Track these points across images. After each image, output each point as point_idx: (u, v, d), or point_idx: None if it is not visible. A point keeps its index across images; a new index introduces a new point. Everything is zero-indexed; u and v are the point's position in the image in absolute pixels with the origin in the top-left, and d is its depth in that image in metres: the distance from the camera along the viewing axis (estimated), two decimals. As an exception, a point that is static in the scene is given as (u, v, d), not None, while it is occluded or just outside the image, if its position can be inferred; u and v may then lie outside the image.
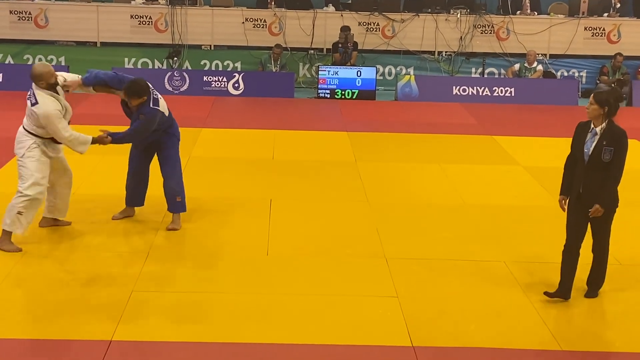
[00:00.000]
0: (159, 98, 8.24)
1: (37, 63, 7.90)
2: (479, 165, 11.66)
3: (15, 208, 7.71)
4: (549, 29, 18.67)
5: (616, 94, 6.90)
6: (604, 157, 6.72)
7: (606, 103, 6.71)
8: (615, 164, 6.72)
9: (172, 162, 8.54)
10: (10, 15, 18.13)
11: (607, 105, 6.71)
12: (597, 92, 6.92)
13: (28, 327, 6.27)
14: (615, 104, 6.76)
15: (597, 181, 6.76)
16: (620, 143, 6.72)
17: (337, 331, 6.39)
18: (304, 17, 18.30)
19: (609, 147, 6.69)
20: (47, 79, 7.79)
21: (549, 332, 6.49)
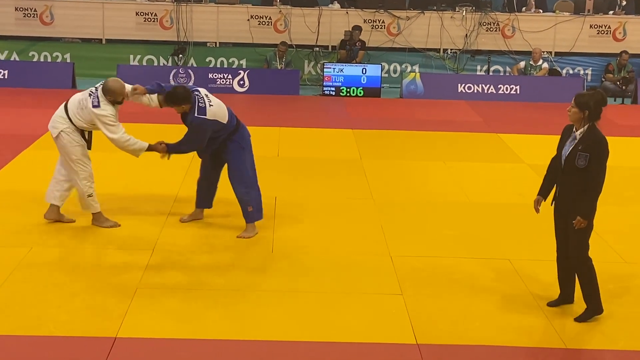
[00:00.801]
0: (206, 106, 7.95)
1: (112, 78, 8.27)
2: (484, 163, 11.65)
3: (84, 194, 8.28)
4: (555, 26, 18.65)
5: (597, 97, 6.45)
6: (578, 162, 6.42)
7: (586, 106, 6.41)
8: (592, 172, 6.40)
9: (235, 169, 8.23)
10: (15, 12, 18.15)
11: (587, 109, 6.40)
12: (579, 94, 6.60)
13: (32, 324, 6.27)
14: (596, 108, 6.42)
15: (571, 186, 6.53)
16: (597, 150, 6.39)
17: (342, 329, 6.39)
18: (309, 15, 18.29)
19: (584, 153, 6.39)
20: (116, 96, 8.12)
21: (554, 330, 6.48)
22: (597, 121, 6.48)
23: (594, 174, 6.41)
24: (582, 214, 6.45)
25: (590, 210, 6.48)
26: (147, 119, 12.93)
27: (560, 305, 6.90)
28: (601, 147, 6.42)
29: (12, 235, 8.11)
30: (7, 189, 9.57)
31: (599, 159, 6.40)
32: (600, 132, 6.47)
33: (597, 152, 6.40)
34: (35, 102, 14.85)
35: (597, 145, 6.41)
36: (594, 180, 6.42)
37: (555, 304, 6.92)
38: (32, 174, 10.21)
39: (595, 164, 6.39)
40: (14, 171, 10.32)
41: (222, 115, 8.06)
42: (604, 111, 6.51)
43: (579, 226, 6.46)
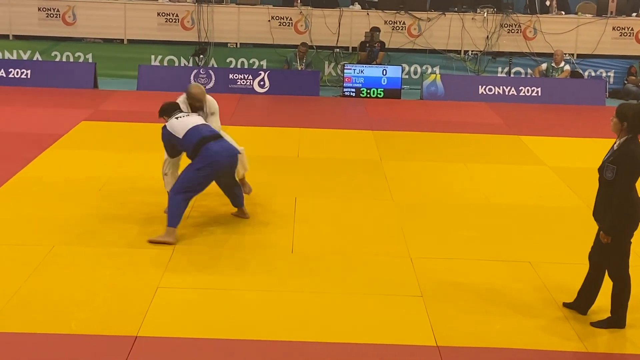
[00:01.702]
0: (172, 119, 8.45)
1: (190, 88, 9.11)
2: (504, 165, 11.61)
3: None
4: (577, 28, 18.55)
5: (638, 108, 6.30)
6: (606, 174, 6.33)
7: (624, 118, 6.27)
8: (617, 186, 6.26)
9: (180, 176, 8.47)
10: (38, 12, 18.26)
11: (625, 120, 6.27)
12: (621, 104, 6.47)
13: (53, 322, 6.31)
14: (634, 120, 6.25)
15: (602, 198, 6.44)
16: (624, 163, 6.24)
17: (362, 330, 6.39)
18: (329, 16, 18.30)
19: (612, 165, 6.27)
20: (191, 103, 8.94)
21: (575, 333, 6.45)
22: (637, 134, 6.31)
23: (618, 189, 6.26)
24: (604, 229, 6.38)
25: (612, 226, 6.33)
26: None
27: (572, 310, 6.83)
28: (629, 160, 6.25)
29: (34, 233, 8.17)
30: (28, 188, 9.63)
31: (624, 173, 6.24)
32: (638, 146, 6.29)
33: (624, 166, 6.25)
34: (57, 102, 14.95)
35: (625, 158, 6.26)
36: (618, 196, 6.27)
37: (568, 306, 6.88)
38: (54, 173, 10.27)
39: (621, 178, 6.24)
40: (36, 170, 10.38)
41: (178, 130, 8.32)
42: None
43: (604, 241, 6.37)
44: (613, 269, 6.51)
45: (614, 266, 6.50)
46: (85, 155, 11.12)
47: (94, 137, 12.25)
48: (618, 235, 6.37)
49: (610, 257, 6.48)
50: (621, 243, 6.42)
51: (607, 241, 6.37)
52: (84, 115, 13.67)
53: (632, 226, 6.43)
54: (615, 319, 6.58)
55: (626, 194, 6.28)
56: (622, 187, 6.26)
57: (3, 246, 7.82)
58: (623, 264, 6.48)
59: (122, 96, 15.86)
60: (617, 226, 6.34)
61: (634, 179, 6.29)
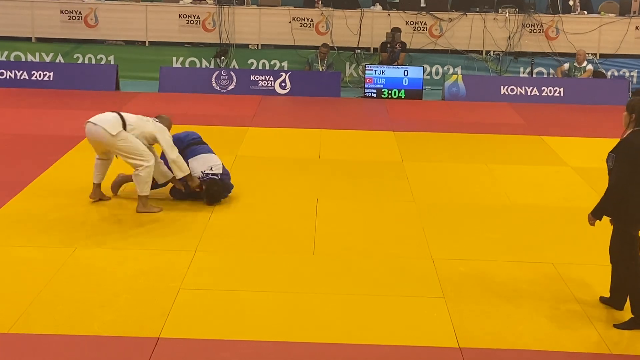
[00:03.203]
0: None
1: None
2: (526, 166, 11.55)
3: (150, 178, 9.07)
4: (599, 28, 18.43)
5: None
6: (607, 162, 6.49)
7: (632, 110, 6.43)
8: (613, 172, 6.43)
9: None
10: (60, 14, 18.37)
11: (634, 112, 6.42)
12: (632, 98, 6.59)
13: (77, 324, 6.34)
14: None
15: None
16: (620, 150, 6.40)
17: (384, 331, 6.38)
18: (351, 17, 18.28)
19: (612, 154, 6.45)
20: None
21: (599, 335, 6.40)
22: None
23: (614, 175, 6.42)
24: (592, 212, 6.56)
25: (598, 209, 6.52)
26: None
27: (608, 306, 6.83)
28: (624, 148, 6.41)
29: (57, 235, 8.21)
30: (51, 190, 9.68)
31: (619, 160, 6.39)
32: (636, 137, 6.38)
33: (619, 153, 6.41)
34: (79, 104, 15.02)
35: (623, 146, 6.42)
36: (612, 181, 6.44)
37: (605, 302, 6.88)
38: (77, 174, 10.32)
39: (617, 165, 6.40)
40: (59, 172, 10.44)
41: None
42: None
43: (590, 223, 6.61)
44: (615, 255, 6.61)
45: (615, 253, 6.59)
46: (108, 157, 11.15)
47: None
48: (618, 226, 6.50)
49: (614, 243, 6.58)
50: (623, 237, 6.49)
51: (591, 224, 6.60)
52: (106, 117, 13.71)
53: (631, 220, 6.48)
54: (618, 300, 6.74)
55: (619, 182, 6.39)
56: (618, 174, 6.38)
57: (26, 248, 7.87)
58: (626, 253, 6.51)
59: (144, 98, 15.93)
60: (600, 209, 6.52)
61: (629, 168, 6.37)
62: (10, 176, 10.13)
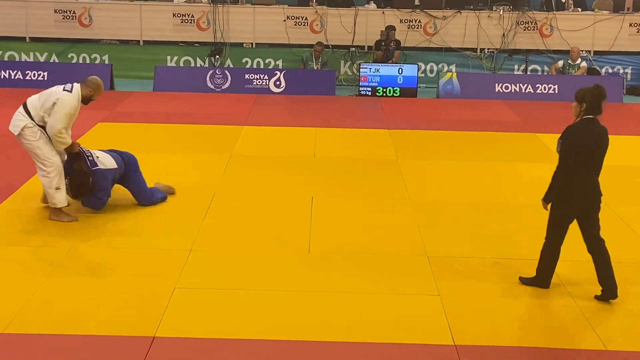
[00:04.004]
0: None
1: (97, 77, 9.05)
2: (521, 163, 11.56)
3: (52, 187, 8.47)
4: (593, 25, 18.47)
5: (595, 91, 6.77)
6: (557, 148, 6.83)
7: (583, 100, 6.75)
8: (560, 158, 6.78)
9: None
10: (54, 14, 18.36)
11: (584, 102, 6.74)
12: (579, 89, 6.89)
13: (72, 323, 6.33)
14: (592, 101, 6.73)
15: None
16: (564, 136, 6.74)
17: (379, 329, 6.38)
18: (345, 15, 18.29)
19: (559, 140, 6.79)
20: (93, 94, 8.88)
21: (593, 332, 6.42)
22: (597, 115, 6.79)
23: (559, 159, 6.76)
24: (544, 197, 6.94)
25: (549, 194, 6.87)
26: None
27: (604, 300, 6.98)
28: (568, 133, 6.73)
29: (51, 235, 8.21)
30: (46, 190, 9.67)
31: (563, 145, 6.72)
32: (593, 125, 6.74)
33: (564, 138, 6.74)
34: (74, 104, 14.99)
35: (566, 132, 6.75)
36: (557, 167, 6.79)
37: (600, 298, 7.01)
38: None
39: (560, 150, 6.74)
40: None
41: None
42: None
43: (543, 207, 6.97)
44: (547, 235, 7.06)
45: (547, 231, 7.04)
46: (102, 157, 11.15)
47: (111, 139, 12.28)
48: (555, 206, 6.90)
49: (548, 222, 7.02)
50: (556, 215, 6.93)
51: (545, 208, 6.96)
52: (101, 117, 13.72)
53: (569, 202, 6.84)
54: (539, 279, 7.15)
55: (563, 166, 6.73)
56: (560, 159, 6.75)
57: (21, 248, 7.86)
58: (553, 234, 7.00)
59: (139, 97, 15.92)
60: (550, 194, 6.87)
61: (575, 153, 6.69)
62: (4, 176, 10.12)
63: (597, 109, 6.76)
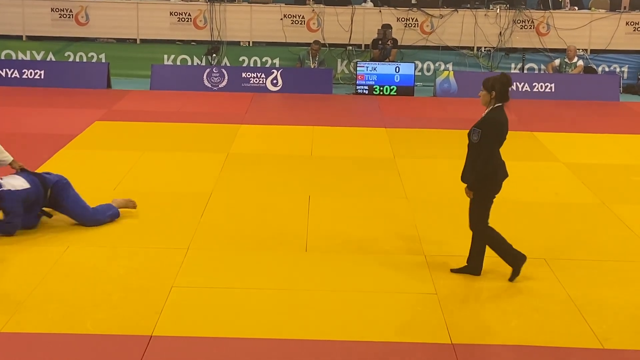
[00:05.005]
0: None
1: None
2: (518, 162, 11.53)
3: None
4: (590, 24, 18.47)
5: (503, 79, 7.00)
6: (472, 137, 7.04)
7: (492, 88, 6.97)
8: (481, 148, 6.96)
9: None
10: (51, 12, 18.34)
11: (494, 90, 6.96)
12: (485, 78, 7.11)
13: (69, 322, 6.33)
14: (502, 89, 6.95)
15: (469, 159, 7.15)
16: (485, 127, 6.96)
17: (376, 328, 6.38)
18: (342, 13, 18.29)
19: (477, 129, 6.98)
20: None
21: (590, 330, 6.42)
22: (505, 102, 7.04)
23: (483, 150, 6.97)
24: (468, 185, 7.13)
25: (473, 182, 7.08)
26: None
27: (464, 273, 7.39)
28: (490, 124, 6.98)
29: (49, 234, 8.19)
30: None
31: (486, 136, 6.95)
32: (503, 113, 7.04)
33: (485, 129, 6.96)
34: (71, 102, 15.00)
35: (489, 123, 6.99)
36: (482, 155, 6.99)
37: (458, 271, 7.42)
38: (69, 173, 10.27)
39: (484, 140, 6.95)
40: (51, 170, 10.38)
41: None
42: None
43: (469, 196, 7.18)
44: (474, 222, 7.30)
45: (475, 220, 7.29)
46: (99, 155, 11.15)
47: (108, 137, 12.29)
48: (481, 192, 7.16)
49: (474, 211, 7.26)
50: (484, 200, 7.21)
51: (470, 196, 7.17)
52: (98, 115, 13.71)
53: (494, 186, 7.21)
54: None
55: (489, 155, 7.00)
56: (485, 149, 6.98)
57: (18, 247, 7.85)
58: (483, 219, 7.26)
59: (136, 96, 15.91)
60: (479, 182, 7.08)
61: (496, 141, 7.05)
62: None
63: (506, 97, 7.03)
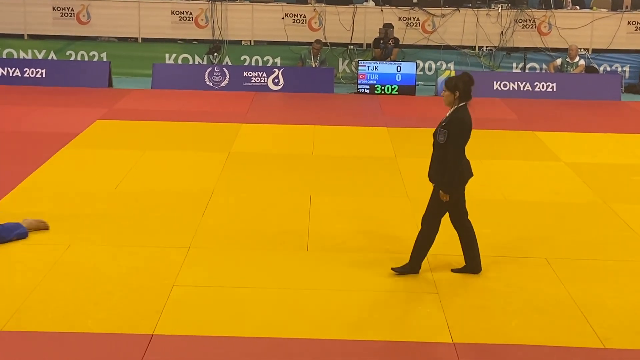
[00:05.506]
0: None
1: None
2: (520, 161, 11.57)
3: None
4: (592, 23, 18.46)
5: (465, 78, 7.04)
6: (438, 138, 7.04)
7: (456, 88, 6.99)
8: (449, 148, 6.97)
9: None
10: (53, 11, 18.34)
11: (457, 90, 6.98)
12: (448, 78, 7.17)
13: (70, 321, 6.33)
14: (465, 88, 6.98)
15: (435, 160, 7.16)
16: (454, 127, 6.95)
17: (378, 327, 6.38)
18: (343, 13, 18.28)
19: (444, 130, 6.98)
20: None
21: (592, 330, 6.42)
22: (468, 101, 7.06)
23: (451, 150, 6.98)
24: (443, 188, 7.07)
25: (449, 183, 7.06)
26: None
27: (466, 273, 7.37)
28: (458, 125, 6.98)
29: (50, 232, 8.19)
30: (45, 187, 9.67)
31: (454, 136, 6.96)
32: (467, 112, 7.04)
33: (453, 130, 6.97)
34: (72, 101, 15.00)
35: (455, 123, 6.98)
36: (451, 156, 7.00)
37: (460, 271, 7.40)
38: (70, 171, 10.32)
39: (451, 140, 6.96)
40: (52, 169, 10.42)
41: None
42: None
43: (444, 199, 7.08)
44: (428, 215, 7.25)
45: (427, 217, 7.24)
46: (101, 154, 11.15)
47: (109, 136, 12.29)
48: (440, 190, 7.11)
49: (433, 207, 7.20)
50: (442, 201, 7.14)
51: (446, 199, 7.09)
52: (99, 114, 13.71)
53: (459, 186, 7.23)
54: (412, 265, 7.33)
55: (456, 155, 7.04)
56: (453, 149, 6.99)
57: (19, 245, 7.84)
58: (436, 219, 7.24)
59: (137, 95, 15.91)
60: (453, 183, 7.08)
61: (463, 141, 7.06)
62: (3, 173, 10.10)
63: (469, 95, 7.05)
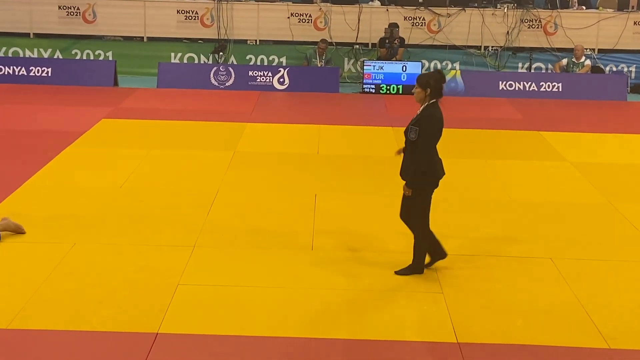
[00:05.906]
0: None
1: None
2: (525, 161, 11.55)
3: None
4: (598, 23, 18.43)
5: (437, 76, 7.11)
6: (409, 135, 7.08)
7: (427, 85, 7.03)
8: (419, 145, 7.01)
9: None
10: (58, 10, 18.37)
11: (429, 87, 7.03)
12: (419, 75, 7.21)
13: (75, 319, 6.34)
14: (436, 86, 7.04)
15: (407, 157, 7.17)
16: (424, 124, 7.00)
17: (382, 327, 6.38)
18: (349, 12, 18.28)
19: (415, 127, 7.04)
20: None
21: (596, 330, 6.41)
22: (439, 99, 7.12)
23: (420, 147, 7.02)
24: (407, 183, 7.12)
25: (413, 179, 7.08)
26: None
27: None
28: (429, 122, 7.03)
29: (55, 231, 8.21)
30: (50, 186, 9.68)
31: (424, 133, 7.01)
32: (438, 110, 7.09)
33: (424, 127, 7.02)
34: (78, 100, 15.02)
35: (426, 120, 7.03)
36: (419, 153, 7.04)
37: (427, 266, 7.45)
38: (76, 170, 10.33)
39: (422, 138, 7.01)
40: (58, 168, 10.44)
41: None
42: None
43: (407, 193, 7.14)
44: (415, 222, 7.29)
45: (416, 220, 7.28)
46: (106, 153, 11.17)
47: (115, 135, 12.30)
48: (419, 190, 7.14)
49: (414, 212, 7.25)
50: (423, 197, 7.20)
51: (408, 194, 7.13)
52: (105, 113, 13.73)
53: (431, 182, 7.22)
54: (415, 266, 7.34)
55: (426, 152, 7.06)
56: (423, 146, 7.03)
57: (24, 244, 7.86)
58: (424, 218, 7.27)
59: (143, 94, 15.92)
60: (417, 179, 7.09)
61: (433, 139, 7.12)
62: (9, 172, 10.12)
63: (440, 93, 7.10)
